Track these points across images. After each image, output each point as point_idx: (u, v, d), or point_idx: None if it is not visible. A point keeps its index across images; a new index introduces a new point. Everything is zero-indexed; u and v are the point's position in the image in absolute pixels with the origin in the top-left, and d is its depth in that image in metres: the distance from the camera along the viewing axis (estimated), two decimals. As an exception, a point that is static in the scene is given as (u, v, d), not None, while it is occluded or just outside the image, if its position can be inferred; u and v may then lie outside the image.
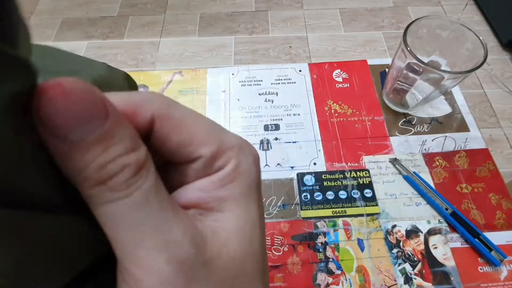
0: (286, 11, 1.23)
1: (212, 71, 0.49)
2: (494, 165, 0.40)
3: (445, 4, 1.24)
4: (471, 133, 0.43)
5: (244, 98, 0.47)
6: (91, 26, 1.22)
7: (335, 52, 1.08)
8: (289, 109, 0.46)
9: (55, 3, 1.29)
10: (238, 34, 1.16)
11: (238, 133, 0.44)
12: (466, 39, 0.37)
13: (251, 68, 0.50)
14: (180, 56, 1.12)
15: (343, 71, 0.49)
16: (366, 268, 0.34)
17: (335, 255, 0.35)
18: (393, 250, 0.35)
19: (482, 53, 0.35)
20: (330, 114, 0.45)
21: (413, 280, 0.34)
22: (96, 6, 1.28)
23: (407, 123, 0.44)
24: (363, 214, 0.37)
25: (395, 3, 1.25)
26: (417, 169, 0.40)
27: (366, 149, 0.42)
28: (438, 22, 0.39)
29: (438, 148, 0.42)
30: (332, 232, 0.36)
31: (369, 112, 0.45)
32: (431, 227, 0.36)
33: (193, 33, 1.18)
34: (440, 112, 0.45)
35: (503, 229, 0.36)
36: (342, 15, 1.21)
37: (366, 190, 0.39)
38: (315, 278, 0.34)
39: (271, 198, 0.39)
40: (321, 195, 0.39)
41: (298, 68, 0.49)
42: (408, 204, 0.38)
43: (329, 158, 0.41)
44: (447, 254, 0.35)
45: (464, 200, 0.38)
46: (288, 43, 1.14)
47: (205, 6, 1.26)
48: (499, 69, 1.08)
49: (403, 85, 0.40)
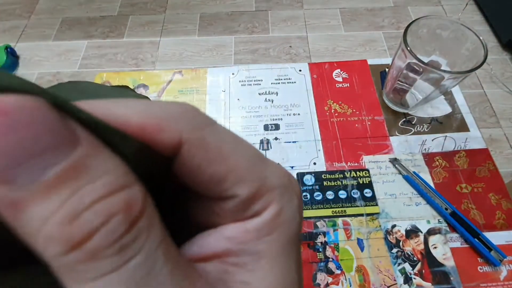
0: (286, 11, 1.23)
1: (212, 70, 0.49)
2: (494, 165, 0.40)
3: (445, 4, 1.24)
4: (471, 133, 0.43)
5: (244, 98, 0.47)
6: (91, 25, 1.22)
7: (335, 52, 1.08)
8: (289, 108, 0.46)
9: (55, 2, 1.29)
10: (238, 34, 1.16)
11: (238, 133, 0.43)
12: (466, 39, 0.37)
13: (251, 67, 0.50)
14: (180, 56, 1.12)
15: (343, 71, 0.49)
16: (366, 268, 0.34)
17: (335, 254, 0.35)
18: (393, 250, 0.35)
19: (482, 53, 0.35)
20: (330, 114, 0.45)
21: (413, 280, 0.34)
22: (96, 6, 1.28)
23: (407, 123, 0.44)
24: (363, 214, 0.37)
25: (395, 3, 1.25)
26: (417, 169, 0.40)
27: (366, 149, 0.42)
28: (438, 22, 0.39)
29: (438, 148, 0.42)
30: (332, 232, 0.36)
31: (369, 112, 0.45)
32: (431, 227, 0.36)
33: (193, 32, 1.18)
34: (440, 112, 0.45)
35: (503, 229, 0.36)
36: (342, 14, 1.21)
37: (366, 190, 0.39)
38: (314, 277, 0.34)
39: (271, 198, 0.39)
40: (321, 194, 0.39)
41: (298, 68, 0.49)
42: (408, 204, 0.38)
43: (329, 158, 0.41)
44: (447, 254, 0.35)
45: (463, 200, 0.38)
46: (288, 43, 1.14)
47: (205, 6, 1.26)
48: (499, 69, 1.08)
49: (403, 85, 0.40)
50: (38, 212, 0.06)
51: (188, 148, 0.08)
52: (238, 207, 0.09)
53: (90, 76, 1.05)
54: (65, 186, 0.06)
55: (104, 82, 0.48)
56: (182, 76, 0.49)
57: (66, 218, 0.06)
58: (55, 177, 0.06)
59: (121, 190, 0.06)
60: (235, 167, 0.09)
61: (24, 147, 0.06)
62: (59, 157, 0.06)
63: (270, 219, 0.09)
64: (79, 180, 0.06)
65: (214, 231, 0.09)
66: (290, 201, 0.09)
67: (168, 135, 0.08)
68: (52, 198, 0.06)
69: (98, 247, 0.06)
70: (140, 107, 0.08)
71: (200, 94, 0.47)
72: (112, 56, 1.07)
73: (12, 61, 1.07)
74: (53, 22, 1.17)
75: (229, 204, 0.09)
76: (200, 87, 0.48)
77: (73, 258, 0.06)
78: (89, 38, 1.11)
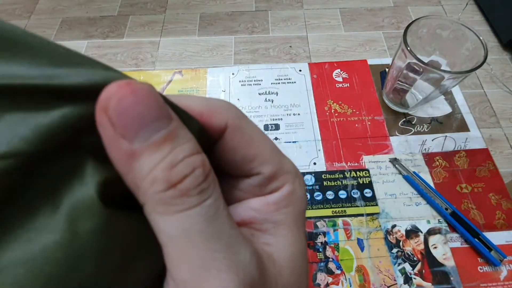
0: (286, 11, 1.23)
1: (212, 70, 0.49)
2: (494, 165, 0.40)
3: (445, 4, 1.24)
4: (471, 133, 0.43)
5: (244, 98, 0.47)
6: (91, 25, 1.22)
7: (335, 52, 1.08)
8: (289, 109, 0.46)
9: (55, 2, 1.29)
10: (238, 34, 1.16)
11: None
12: (466, 39, 0.37)
13: (251, 67, 0.50)
14: (180, 56, 1.12)
15: (343, 71, 0.49)
16: (366, 268, 0.34)
17: (335, 254, 0.35)
18: (393, 250, 0.35)
19: (482, 53, 0.35)
20: (330, 114, 0.45)
21: (413, 280, 0.34)
22: (96, 6, 1.28)
23: (407, 123, 0.44)
24: (363, 214, 0.37)
25: (395, 3, 1.25)
26: (417, 169, 0.40)
27: (366, 149, 0.42)
28: (438, 22, 0.39)
29: (438, 148, 0.42)
30: (332, 232, 0.36)
31: (369, 112, 0.45)
32: (431, 227, 0.36)
33: (193, 32, 1.18)
34: (440, 112, 0.45)
35: (503, 229, 0.36)
36: (342, 14, 1.21)
37: (366, 190, 0.39)
38: (314, 277, 0.34)
39: (271, 198, 0.39)
40: (321, 194, 0.39)
41: (298, 68, 0.49)
42: (408, 204, 0.38)
43: (329, 158, 0.41)
44: (447, 254, 0.35)
45: (464, 200, 0.38)
46: (288, 43, 1.14)
47: (205, 6, 1.26)
48: (499, 69, 1.08)
49: (403, 85, 0.40)
50: (148, 161, 0.08)
51: (230, 131, 0.11)
52: (262, 183, 0.11)
53: (90, 76, 1.05)
54: (167, 145, 0.08)
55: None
56: (182, 76, 0.49)
57: (168, 166, 0.08)
58: (161, 138, 0.08)
59: (198, 153, 0.09)
60: (262, 151, 0.11)
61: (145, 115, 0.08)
62: (163, 125, 0.08)
63: (286, 195, 0.11)
64: (174, 142, 0.09)
65: (240, 204, 0.12)
66: (300, 185, 0.12)
67: (218, 120, 0.11)
68: (159, 152, 0.08)
69: (187, 188, 0.08)
70: (199, 100, 0.11)
71: (200, 94, 0.47)
72: (112, 56, 1.07)
73: (12, 61, 1.07)
74: (53, 22, 1.17)
75: (254, 180, 0.11)
76: (200, 87, 0.48)
77: (171, 194, 0.08)
78: (89, 38, 1.11)
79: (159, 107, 0.08)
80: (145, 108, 0.08)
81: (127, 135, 0.08)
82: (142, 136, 0.08)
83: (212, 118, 0.11)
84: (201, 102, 0.11)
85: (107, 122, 0.08)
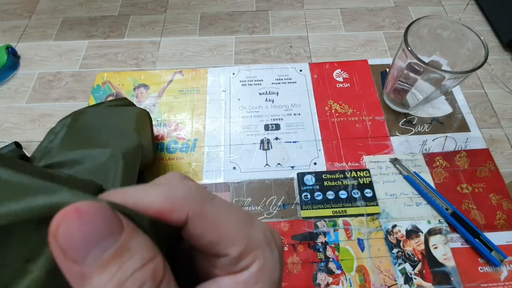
0: (286, 11, 1.23)
1: (212, 70, 0.49)
2: (494, 165, 0.40)
3: (446, 4, 1.24)
4: (471, 133, 0.43)
5: (244, 98, 0.47)
6: (91, 25, 1.22)
7: (335, 52, 1.08)
8: (290, 108, 0.46)
9: (56, 2, 1.29)
10: (239, 34, 1.16)
11: (238, 132, 0.44)
12: (467, 39, 0.37)
13: (251, 67, 0.50)
14: (181, 56, 1.12)
15: (344, 71, 0.49)
16: (366, 268, 0.34)
17: (335, 254, 0.35)
18: (393, 250, 0.35)
19: (483, 53, 0.35)
20: (330, 114, 0.45)
21: (413, 280, 0.34)
22: (97, 5, 1.28)
23: (408, 123, 0.44)
24: (363, 214, 0.37)
25: (396, 3, 1.25)
26: (417, 169, 0.40)
27: (366, 149, 0.42)
28: (439, 22, 0.39)
29: (439, 148, 0.42)
30: (332, 232, 0.36)
31: (370, 112, 0.45)
32: (432, 227, 0.36)
33: (193, 32, 1.18)
34: (441, 112, 0.45)
35: (504, 229, 0.36)
36: (342, 14, 1.21)
37: (367, 190, 0.39)
38: (315, 277, 0.34)
39: (272, 198, 0.39)
40: (321, 194, 0.39)
41: (298, 68, 0.49)
42: (408, 204, 0.38)
43: (330, 158, 0.41)
44: (447, 254, 0.35)
45: (464, 200, 0.38)
46: (288, 43, 1.14)
47: (206, 6, 1.26)
48: (500, 69, 1.08)
49: (403, 85, 0.40)
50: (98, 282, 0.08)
51: (192, 221, 0.11)
52: (231, 263, 0.11)
53: (91, 76, 1.05)
54: (115, 263, 0.09)
55: (105, 82, 0.48)
56: (183, 76, 0.49)
57: (116, 285, 0.08)
58: (108, 257, 0.09)
59: (150, 262, 0.09)
60: (227, 231, 0.11)
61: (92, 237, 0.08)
62: (111, 242, 0.09)
63: (256, 272, 0.11)
64: (123, 258, 0.09)
65: (213, 282, 0.12)
66: (272, 254, 0.12)
67: (178, 215, 0.11)
68: (106, 272, 0.08)
69: None
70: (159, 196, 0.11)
71: (201, 94, 0.47)
72: (112, 56, 1.07)
73: (13, 61, 1.07)
74: (54, 22, 1.17)
75: (224, 260, 0.12)
76: (201, 87, 0.48)
77: None
78: (90, 38, 1.11)
79: (106, 223, 0.09)
80: (92, 229, 0.08)
81: (77, 258, 0.08)
82: (92, 257, 0.08)
83: (172, 214, 0.11)
84: (161, 198, 0.11)
85: (57, 248, 0.08)
